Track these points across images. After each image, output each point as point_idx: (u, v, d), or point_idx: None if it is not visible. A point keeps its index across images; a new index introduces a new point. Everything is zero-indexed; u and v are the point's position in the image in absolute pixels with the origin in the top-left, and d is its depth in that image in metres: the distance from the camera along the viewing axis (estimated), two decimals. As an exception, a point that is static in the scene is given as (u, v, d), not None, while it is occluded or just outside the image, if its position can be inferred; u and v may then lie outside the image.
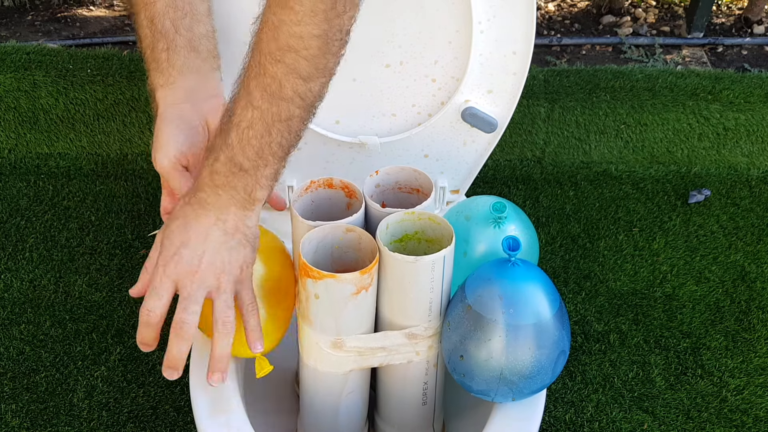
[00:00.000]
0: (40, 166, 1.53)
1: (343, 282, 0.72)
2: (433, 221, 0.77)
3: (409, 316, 0.77)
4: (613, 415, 1.17)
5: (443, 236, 0.76)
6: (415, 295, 0.75)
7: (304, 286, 0.74)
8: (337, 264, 0.79)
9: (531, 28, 0.88)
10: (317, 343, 0.79)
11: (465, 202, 0.88)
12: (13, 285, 1.33)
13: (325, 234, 0.76)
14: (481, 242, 0.83)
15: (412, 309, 0.77)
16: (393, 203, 0.84)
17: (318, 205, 0.82)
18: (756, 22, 1.80)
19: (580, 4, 1.89)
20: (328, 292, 0.73)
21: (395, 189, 0.84)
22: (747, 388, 1.20)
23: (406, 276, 0.74)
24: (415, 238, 0.79)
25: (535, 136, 1.52)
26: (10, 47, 1.53)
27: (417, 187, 0.83)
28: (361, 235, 0.76)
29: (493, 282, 0.73)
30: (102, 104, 1.50)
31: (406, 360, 0.81)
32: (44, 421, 1.15)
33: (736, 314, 1.30)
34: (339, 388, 0.83)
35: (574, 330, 1.28)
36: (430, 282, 0.74)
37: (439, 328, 0.79)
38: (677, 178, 1.53)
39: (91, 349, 1.24)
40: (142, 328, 0.76)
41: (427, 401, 0.87)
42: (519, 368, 0.73)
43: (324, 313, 0.76)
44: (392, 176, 0.84)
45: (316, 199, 0.82)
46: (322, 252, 0.77)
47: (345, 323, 0.76)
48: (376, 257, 0.73)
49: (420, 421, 0.90)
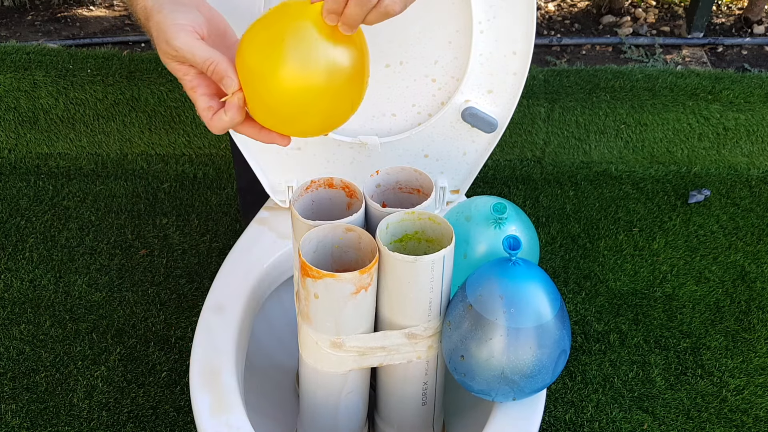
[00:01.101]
0: (40, 166, 1.53)
1: (343, 281, 0.72)
2: (433, 221, 0.77)
3: (408, 316, 0.77)
4: (613, 415, 1.17)
5: (443, 236, 0.76)
6: (415, 294, 0.75)
7: (304, 285, 0.74)
8: (338, 264, 0.79)
9: (531, 28, 0.88)
10: (317, 342, 0.79)
11: (465, 203, 0.88)
12: (13, 285, 1.33)
13: (325, 234, 0.76)
14: (482, 243, 0.83)
15: (412, 309, 0.77)
16: (394, 203, 0.84)
17: (319, 204, 0.82)
18: (756, 22, 1.80)
19: (580, 4, 1.89)
20: (328, 292, 0.73)
21: (396, 189, 0.85)
22: (747, 388, 1.20)
23: (405, 276, 0.74)
24: (415, 238, 0.79)
25: (535, 136, 1.52)
26: (10, 47, 1.54)
27: (417, 187, 0.83)
28: (361, 234, 0.76)
29: (493, 281, 0.73)
30: (102, 104, 1.50)
31: (406, 360, 0.81)
32: (44, 421, 1.15)
33: (736, 314, 1.30)
34: (339, 388, 0.83)
35: (575, 330, 1.28)
36: (430, 282, 0.74)
37: (439, 327, 0.79)
38: (677, 178, 1.53)
39: (91, 349, 1.24)
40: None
41: (427, 401, 0.87)
42: (520, 367, 0.73)
43: (324, 312, 0.76)
44: (393, 176, 0.84)
45: (316, 199, 0.82)
46: (323, 252, 0.77)
47: (344, 323, 0.76)
48: (375, 257, 0.73)
49: (420, 421, 0.90)
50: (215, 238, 1.42)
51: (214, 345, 0.87)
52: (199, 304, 1.29)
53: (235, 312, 0.91)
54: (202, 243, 1.41)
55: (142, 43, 1.73)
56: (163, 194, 1.50)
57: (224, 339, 0.88)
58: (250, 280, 0.95)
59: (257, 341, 0.99)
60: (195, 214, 1.46)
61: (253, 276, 0.96)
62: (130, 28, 1.78)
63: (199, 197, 1.50)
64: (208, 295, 0.94)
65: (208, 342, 0.87)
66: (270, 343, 1.03)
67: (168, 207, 1.47)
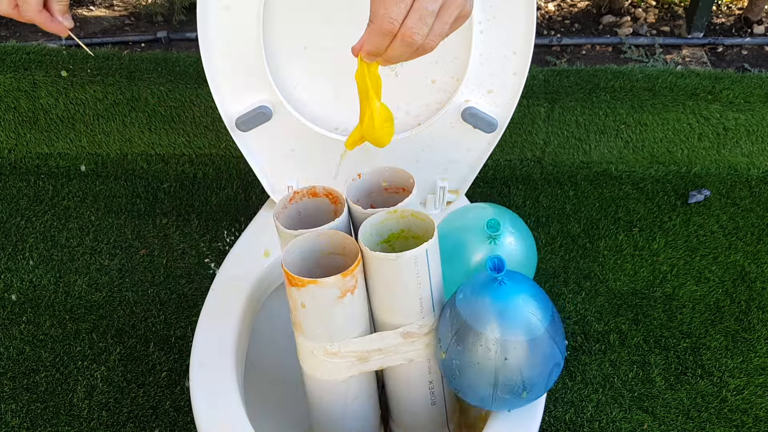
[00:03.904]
0: (40, 166, 1.53)
1: (326, 287, 0.71)
2: (416, 217, 0.76)
3: (401, 314, 0.77)
4: (613, 415, 1.17)
5: (427, 231, 0.75)
6: (403, 292, 0.75)
7: (291, 294, 0.74)
8: (328, 271, 0.79)
9: (531, 28, 0.88)
10: (312, 351, 0.78)
11: (460, 212, 0.88)
12: (13, 285, 1.33)
13: (309, 242, 0.76)
14: (477, 253, 0.83)
15: (403, 307, 0.76)
16: (382, 205, 0.84)
17: (305, 215, 0.82)
18: (756, 22, 1.80)
19: (580, 4, 1.89)
20: (314, 299, 0.73)
21: (381, 191, 0.84)
22: (747, 388, 1.20)
23: (390, 274, 0.73)
24: (402, 237, 0.79)
25: (535, 136, 1.52)
26: (10, 47, 1.53)
27: (402, 185, 0.83)
28: (344, 239, 0.75)
29: (481, 301, 0.73)
30: (102, 104, 1.50)
31: (406, 360, 0.80)
32: (44, 421, 1.15)
33: (736, 314, 1.30)
34: (343, 395, 0.83)
35: (574, 330, 1.28)
36: (416, 278, 0.74)
37: (435, 324, 0.79)
38: (677, 178, 1.53)
39: (91, 349, 1.24)
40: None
41: (436, 401, 0.87)
42: (510, 387, 0.73)
43: (313, 320, 0.75)
44: (376, 177, 0.83)
45: (302, 210, 0.82)
46: (311, 260, 0.77)
47: (336, 328, 0.76)
48: (358, 258, 0.73)
49: (432, 421, 0.89)
50: (215, 238, 1.42)
51: (214, 345, 0.87)
52: (199, 304, 1.29)
53: (236, 311, 0.91)
54: (202, 243, 1.41)
55: (142, 43, 1.73)
56: (163, 194, 1.50)
57: (224, 339, 0.88)
58: (251, 280, 0.95)
59: (258, 341, 0.99)
60: (195, 214, 1.46)
61: (254, 275, 0.96)
62: (130, 28, 1.78)
63: (199, 197, 1.49)
64: (209, 294, 0.94)
65: (208, 342, 0.87)
66: (272, 342, 1.03)
67: (168, 207, 1.47)
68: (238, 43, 0.89)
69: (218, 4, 0.86)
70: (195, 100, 1.49)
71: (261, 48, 0.89)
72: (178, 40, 1.74)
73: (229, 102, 0.95)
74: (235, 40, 0.89)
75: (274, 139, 0.99)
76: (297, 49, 0.91)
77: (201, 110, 1.50)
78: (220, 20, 0.87)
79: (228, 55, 0.90)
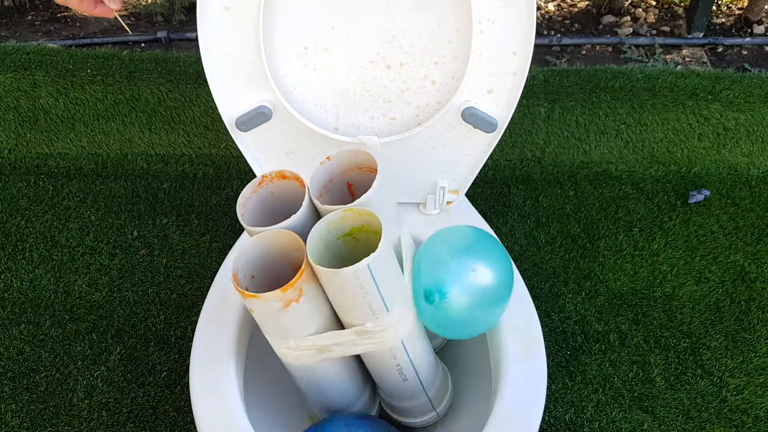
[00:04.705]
0: (40, 166, 1.53)
1: (267, 300, 0.71)
2: (371, 217, 0.74)
3: (353, 316, 0.77)
4: (613, 415, 1.17)
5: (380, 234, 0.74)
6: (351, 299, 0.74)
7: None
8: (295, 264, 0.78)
9: (531, 28, 0.88)
10: (274, 345, 0.79)
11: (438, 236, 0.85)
12: (13, 285, 1.33)
13: (264, 243, 0.75)
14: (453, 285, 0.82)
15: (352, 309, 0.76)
16: (359, 184, 0.83)
17: (278, 196, 0.81)
18: (756, 22, 1.80)
19: (580, 4, 1.89)
20: (258, 309, 0.73)
21: (356, 169, 0.83)
22: (747, 388, 1.20)
23: (335, 285, 0.73)
24: (363, 231, 0.77)
25: (535, 136, 1.52)
26: (10, 47, 1.53)
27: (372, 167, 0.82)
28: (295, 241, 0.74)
29: None
30: (102, 104, 1.50)
31: (367, 350, 0.80)
32: (44, 421, 1.15)
33: (736, 314, 1.30)
34: (324, 374, 0.83)
35: (575, 330, 1.28)
36: (360, 289, 0.73)
37: (392, 322, 0.78)
38: (677, 178, 1.53)
39: (91, 349, 1.24)
40: None
41: (408, 377, 0.87)
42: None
43: (264, 323, 0.75)
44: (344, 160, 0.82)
45: (275, 190, 0.81)
46: (282, 260, 0.76)
47: (287, 330, 0.76)
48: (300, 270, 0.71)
49: (410, 393, 0.90)
50: (215, 238, 1.42)
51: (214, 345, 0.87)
52: (199, 304, 1.29)
53: (236, 312, 0.91)
54: (202, 243, 1.41)
55: (142, 43, 1.73)
56: (163, 194, 1.50)
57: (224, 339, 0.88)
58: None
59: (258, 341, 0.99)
60: (195, 214, 1.46)
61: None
62: (130, 28, 1.78)
63: (199, 197, 1.49)
64: (209, 294, 0.94)
65: (208, 342, 0.87)
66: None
67: (168, 207, 1.47)
68: (238, 43, 0.89)
69: (218, 4, 0.86)
70: (195, 100, 1.49)
71: (261, 48, 0.89)
72: (178, 40, 1.74)
73: (229, 102, 0.95)
74: (235, 40, 0.89)
75: (274, 139, 0.99)
76: (297, 49, 0.91)
77: (201, 110, 1.50)
78: (220, 20, 0.87)
79: (228, 55, 0.90)
